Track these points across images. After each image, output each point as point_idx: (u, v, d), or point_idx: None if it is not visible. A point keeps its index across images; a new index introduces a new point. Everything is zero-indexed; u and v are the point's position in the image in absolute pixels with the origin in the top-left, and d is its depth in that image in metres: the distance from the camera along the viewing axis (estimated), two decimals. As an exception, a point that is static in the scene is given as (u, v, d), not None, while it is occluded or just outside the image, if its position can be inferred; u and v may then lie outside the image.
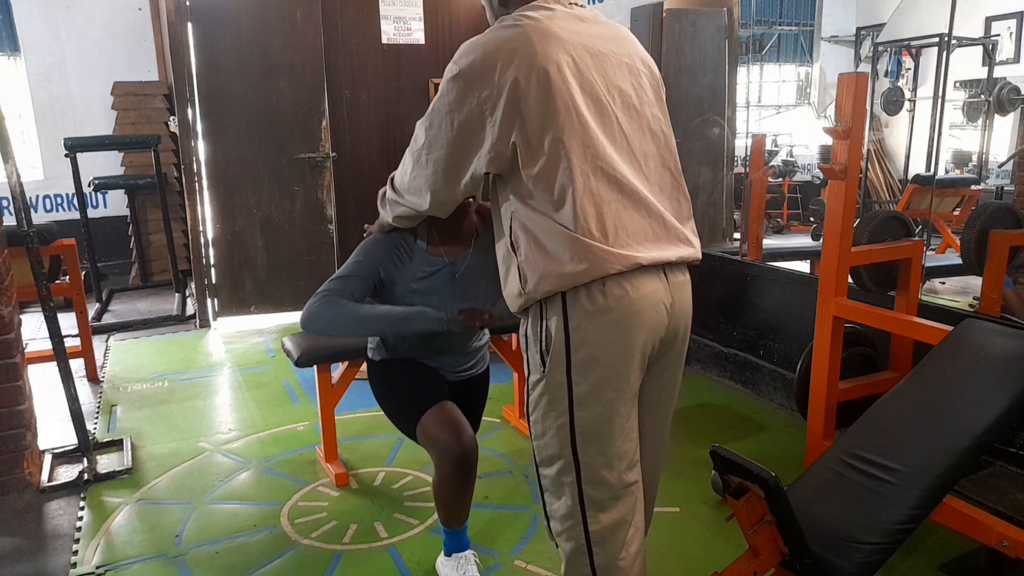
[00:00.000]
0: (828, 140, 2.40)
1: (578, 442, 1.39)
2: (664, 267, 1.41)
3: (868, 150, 5.65)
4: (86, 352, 3.78)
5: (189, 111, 4.47)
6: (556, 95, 1.33)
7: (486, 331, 2.22)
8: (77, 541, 2.39)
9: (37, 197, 5.77)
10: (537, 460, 1.47)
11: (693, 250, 1.47)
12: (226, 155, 4.55)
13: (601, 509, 1.41)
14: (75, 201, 5.38)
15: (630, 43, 1.50)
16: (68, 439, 2.93)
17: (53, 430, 3.09)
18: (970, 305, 3.24)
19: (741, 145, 4.50)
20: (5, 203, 5.08)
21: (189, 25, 4.36)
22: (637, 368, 1.40)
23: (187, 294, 5.29)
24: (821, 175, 6.09)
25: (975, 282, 3.00)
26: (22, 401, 2.67)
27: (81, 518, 2.52)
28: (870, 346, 2.75)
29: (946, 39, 3.96)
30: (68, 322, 3.54)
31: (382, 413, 2.16)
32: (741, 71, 4.66)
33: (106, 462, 2.89)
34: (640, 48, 1.52)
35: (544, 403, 1.41)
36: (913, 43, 5.59)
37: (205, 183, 4.55)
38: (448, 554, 2.14)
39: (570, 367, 1.36)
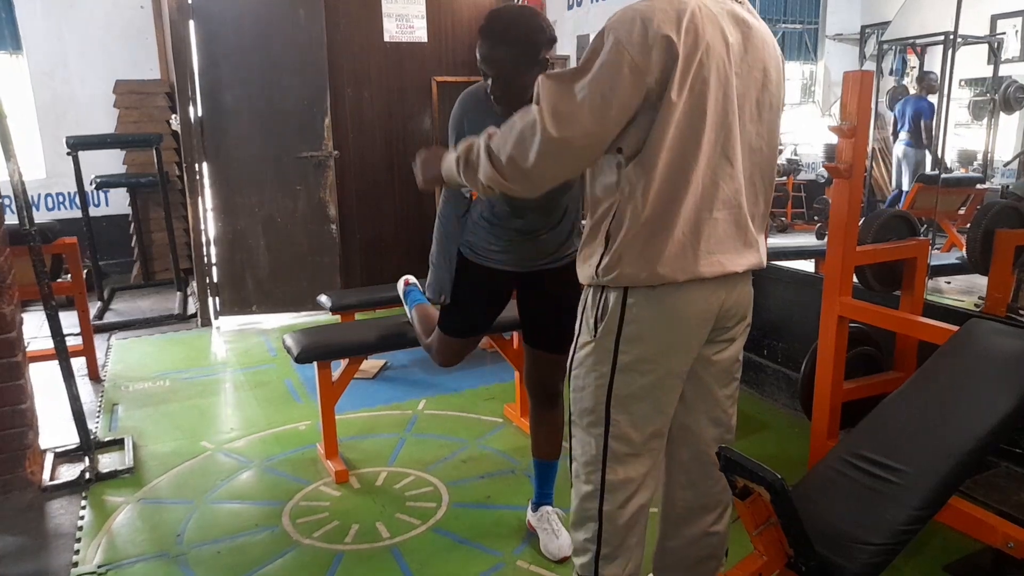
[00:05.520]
0: (833, 138, 2.39)
1: (612, 403, 1.52)
2: None
3: (873, 149, 5.64)
4: (88, 351, 3.78)
5: (191, 109, 4.46)
6: (710, 97, 1.35)
7: (573, 239, 2.19)
8: (79, 540, 2.39)
9: (39, 195, 5.76)
10: (572, 410, 1.61)
11: (759, 258, 1.55)
12: (228, 154, 4.54)
13: (620, 463, 1.55)
14: (77, 200, 5.37)
15: (770, 47, 1.49)
16: (70, 438, 2.92)
17: (55, 429, 3.08)
18: (975, 305, 3.22)
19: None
20: (7, 201, 5.07)
21: (191, 23, 4.35)
22: (681, 352, 1.51)
23: (189, 293, 5.28)
24: (825, 174, 6.08)
25: (980, 281, 2.98)
26: (24, 400, 2.67)
27: (83, 517, 2.52)
28: (875, 346, 2.73)
29: (951, 37, 3.95)
30: (70, 321, 3.54)
31: (383, 412, 2.17)
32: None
33: (108, 461, 2.89)
34: (775, 48, 1.51)
35: (589, 363, 1.53)
36: (918, 41, 5.58)
37: (207, 182, 4.55)
38: (535, 509, 2.34)
39: (619, 338, 1.48)
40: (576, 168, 1.46)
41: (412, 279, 2.80)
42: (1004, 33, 4.77)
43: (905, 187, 5.50)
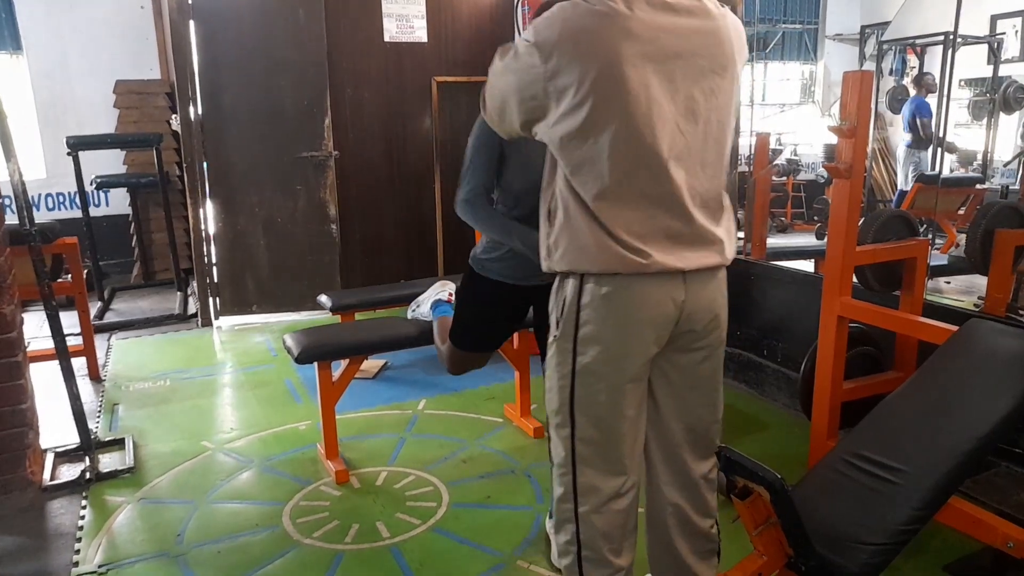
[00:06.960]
0: (833, 139, 2.39)
1: (575, 404, 1.52)
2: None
3: (873, 148, 5.64)
4: (88, 351, 3.78)
5: (191, 109, 4.46)
6: (623, 96, 1.35)
7: None
8: (79, 540, 2.39)
9: (39, 195, 5.76)
10: (547, 407, 1.61)
11: (719, 258, 1.50)
12: (228, 154, 4.54)
13: (589, 465, 1.55)
14: (77, 199, 5.37)
15: (716, 37, 1.44)
16: (70, 438, 2.92)
17: (55, 429, 3.08)
18: (975, 305, 3.23)
19: (745, 144, 4.49)
20: (8, 201, 5.07)
21: (191, 23, 4.35)
22: (638, 354, 1.48)
23: (189, 293, 5.29)
24: (825, 174, 6.09)
25: (980, 281, 2.99)
26: (24, 400, 2.67)
27: (83, 517, 2.52)
28: (874, 346, 2.73)
29: (951, 37, 3.95)
30: (70, 321, 3.54)
31: (383, 412, 2.17)
32: (745, 69, 4.65)
33: (108, 461, 2.89)
34: (729, 37, 1.46)
35: (554, 363, 1.55)
36: (918, 41, 5.59)
37: (207, 181, 4.55)
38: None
39: (576, 338, 1.49)
40: (497, 126, 1.57)
41: (453, 297, 2.81)
42: (1004, 33, 4.78)
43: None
